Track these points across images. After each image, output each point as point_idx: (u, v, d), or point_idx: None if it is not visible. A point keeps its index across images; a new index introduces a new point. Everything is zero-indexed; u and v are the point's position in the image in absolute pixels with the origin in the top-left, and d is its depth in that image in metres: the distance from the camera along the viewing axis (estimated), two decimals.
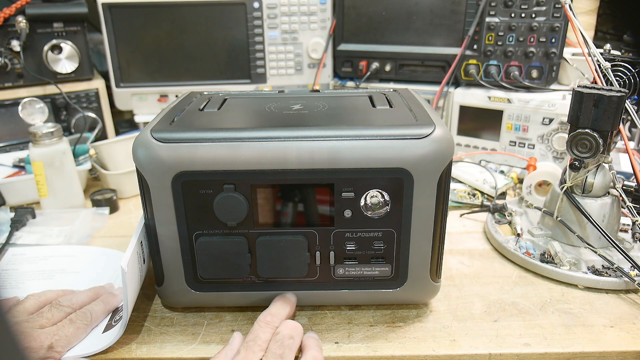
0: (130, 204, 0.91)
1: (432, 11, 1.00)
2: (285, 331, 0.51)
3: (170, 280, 0.57)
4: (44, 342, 0.50)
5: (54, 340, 0.51)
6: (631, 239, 0.72)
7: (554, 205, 0.73)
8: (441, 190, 0.53)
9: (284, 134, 0.52)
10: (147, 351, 0.54)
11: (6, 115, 1.02)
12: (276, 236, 0.55)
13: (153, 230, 0.55)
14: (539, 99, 0.92)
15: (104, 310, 0.57)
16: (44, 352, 0.50)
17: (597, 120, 0.64)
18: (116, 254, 0.72)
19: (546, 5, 0.91)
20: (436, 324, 0.58)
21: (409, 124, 0.53)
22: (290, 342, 0.50)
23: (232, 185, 0.52)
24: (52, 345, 0.50)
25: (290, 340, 0.50)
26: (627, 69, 0.75)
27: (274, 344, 0.50)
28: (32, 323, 0.52)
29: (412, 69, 1.06)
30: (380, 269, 0.57)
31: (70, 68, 1.04)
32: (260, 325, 0.52)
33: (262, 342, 0.50)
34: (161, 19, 1.07)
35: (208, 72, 1.12)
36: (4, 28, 0.98)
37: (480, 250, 0.74)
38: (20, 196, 0.89)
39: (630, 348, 0.54)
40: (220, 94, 0.70)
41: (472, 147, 1.02)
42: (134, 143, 0.53)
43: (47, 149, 0.82)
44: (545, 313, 0.60)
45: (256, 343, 0.50)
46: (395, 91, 0.70)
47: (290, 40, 1.11)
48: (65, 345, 0.52)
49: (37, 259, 0.71)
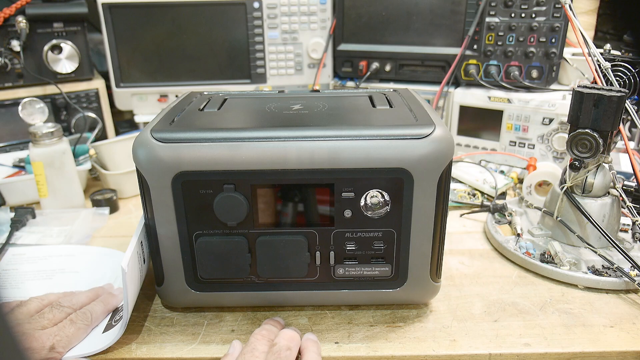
0: (130, 204, 0.91)
1: (432, 11, 1.00)
2: (282, 342, 0.51)
3: (170, 280, 0.57)
4: (45, 342, 0.50)
5: (55, 340, 0.51)
6: (631, 239, 0.72)
7: (554, 205, 0.73)
8: (441, 190, 0.53)
9: (284, 134, 0.52)
10: (147, 351, 0.54)
11: (6, 115, 1.02)
12: (276, 236, 0.55)
13: (153, 230, 0.55)
14: (539, 99, 0.92)
15: (104, 310, 0.57)
16: (46, 353, 0.50)
17: (597, 120, 0.64)
18: (116, 253, 0.72)
19: (546, 5, 0.91)
20: (436, 324, 0.58)
21: (409, 124, 0.53)
22: (288, 354, 0.50)
23: (232, 185, 0.52)
24: (54, 346, 0.51)
25: (288, 352, 0.50)
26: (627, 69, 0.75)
27: (271, 356, 0.50)
28: (33, 324, 0.52)
29: (412, 69, 1.06)
30: (380, 269, 0.57)
31: (70, 68, 1.04)
32: (257, 337, 0.52)
33: (260, 353, 0.50)
34: (161, 19, 1.07)
35: (208, 72, 1.12)
36: (4, 28, 0.98)
37: (480, 250, 0.74)
38: (20, 196, 0.89)
39: (630, 348, 0.54)
40: (220, 94, 0.70)
41: (472, 147, 1.02)
42: (134, 143, 0.53)
43: (47, 149, 0.82)
44: (545, 313, 0.60)
45: (254, 355, 0.49)
46: (395, 91, 0.70)
47: (290, 40, 1.11)
48: (66, 345, 0.52)
49: (37, 258, 0.71)
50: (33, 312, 0.55)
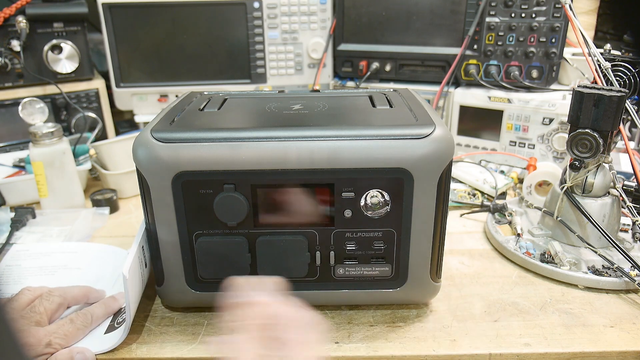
0: (130, 204, 0.91)
1: (432, 11, 1.00)
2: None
3: (171, 280, 0.57)
4: (42, 339, 0.51)
5: (52, 338, 0.51)
6: (631, 239, 0.72)
7: (554, 205, 0.72)
8: (441, 190, 0.53)
9: (284, 134, 0.52)
10: (147, 351, 0.54)
11: (6, 115, 1.02)
12: (276, 236, 0.55)
13: (153, 230, 0.55)
14: (539, 99, 0.92)
15: (105, 313, 0.57)
16: (42, 349, 0.50)
17: (597, 120, 0.64)
18: (118, 251, 0.72)
19: (546, 5, 0.91)
20: (436, 324, 0.58)
21: (409, 124, 0.53)
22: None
23: (232, 185, 0.52)
24: (50, 343, 0.51)
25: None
26: (627, 69, 0.75)
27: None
28: (27, 319, 0.52)
29: (412, 69, 1.06)
30: (381, 269, 0.57)
31: (70, 68, 1.04)
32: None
33: None
34: (161, 19, 1.07)
35: (208, 72, 1.12)
36: (4, 28, 0.98)
37: (481, 250, 0.74)
38: (20, 196, 0.89)
39: (630, 348, 0.54)
40: (220, 94, 0.70)
41: (472, 147, 1.02)
42: (134, 143, 0.53)
43: (47, 149, 0.82)
44: (546, 313, 0.60)
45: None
46: (396, 91, 0.70)
47: (291, 40, 1.11)
48: (62, 343, 0.52)
49: (40, 255, 0.71)
50: (24, 305, 0.54)
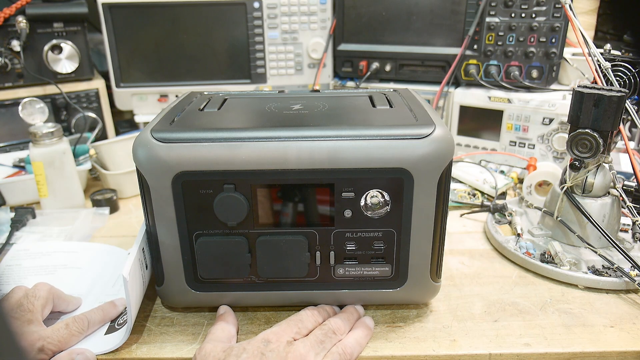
0: (130, 204, 0.91)
1: (432, 11, 1.00)
2: (332, 324, 0.54)
3: (171, 280, 0.57)
4: (35, 343, 0.49)
5: (45, 343, 0.50)
6: (631, 239, 0.72)
7: (554, 205, 0.72)
8: (441, 190, 0.53)
9: (284, 134, 0.52)
10: (147, 351, 0.54)
11: (6, 115, 1.02)
12: (276, 236, 0.55)
13: (153, 230, 0.55)
14: (539, 99, 0.92)
15: (102, 320, 0.57)
16: (34, 354, 0.49)
17: (597, 120, 0.64)
18: (118, 250, 0.72)
19: (546, 5, 0.91)
20: (436, 324, 0.58)
21: (409, 124, 0.53)
22: (332, 336, 0.52)
23: (232, 185, 0.52)
24: (43, 348, 0.50)
25: (333, 335, 0.53)
26: (627, 69, 0.75)
27: (318, 330, 0.53)
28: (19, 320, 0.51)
29: (412, 69, 1.06)
30: (381, 269, 0.57)
31: (70, 68, 1.04)
32: (307, 313, 0.55)
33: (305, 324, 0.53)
34: (161, 19, 1.07)
35: (208, 72, 1.12)
36: (4, 28, 0.98)
37: (481, 250, 0.74)
38: (20, 196, 0.89)
39: (630, 348, 0.54)
40: (220, 94, 0.70)
41: (472, 147, 1.02)
42: (134, 143, 0.53)
43: (47, 149, 0.82)
44: (546, 313, 0.60)
45: (297, 325, 0.53)
46: (396, 91, 0.70)
47: (290, 40, 1.11)
48: (55, 350, 0.51)
49: (40, 255, 0.71)
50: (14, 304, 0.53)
